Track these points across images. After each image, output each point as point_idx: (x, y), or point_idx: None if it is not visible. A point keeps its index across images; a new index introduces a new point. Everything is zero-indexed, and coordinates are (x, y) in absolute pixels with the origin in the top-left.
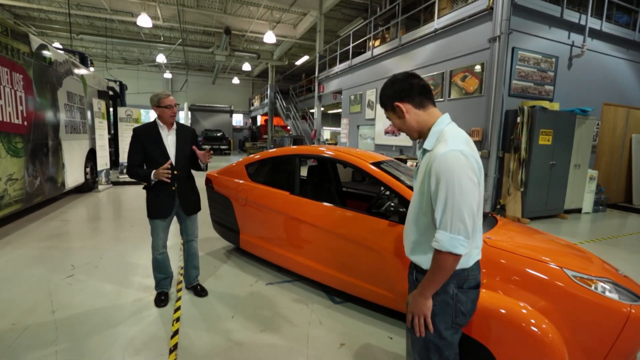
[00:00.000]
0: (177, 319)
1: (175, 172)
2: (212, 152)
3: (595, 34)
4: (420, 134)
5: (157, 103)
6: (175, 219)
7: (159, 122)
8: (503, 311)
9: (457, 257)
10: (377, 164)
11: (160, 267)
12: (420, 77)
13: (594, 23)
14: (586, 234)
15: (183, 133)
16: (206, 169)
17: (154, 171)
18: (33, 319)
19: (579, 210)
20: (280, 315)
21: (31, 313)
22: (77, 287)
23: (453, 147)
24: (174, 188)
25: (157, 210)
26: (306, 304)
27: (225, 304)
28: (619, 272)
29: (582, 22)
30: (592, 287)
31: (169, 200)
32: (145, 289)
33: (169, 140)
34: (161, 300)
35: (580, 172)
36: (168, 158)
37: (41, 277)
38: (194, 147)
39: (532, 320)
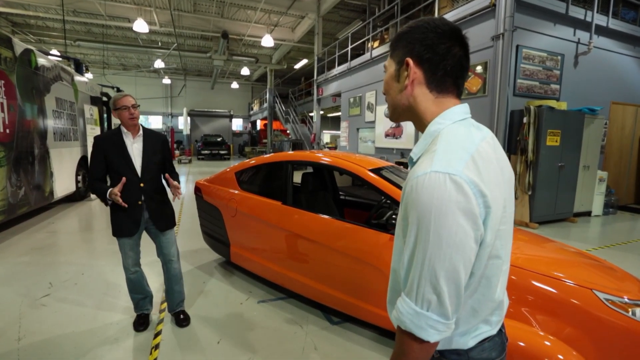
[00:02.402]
0: (157, 346)
1: (142, 184)
2: (180, 190)
3: (602, 31)
4: (413, 122)
5: (113, 105)
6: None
7: (123, 129)
8: (522, 344)
9: (426, 345)
10: (376, 171)
11: (136, 287)
12: (467, 45)
13: (600, 19)
14: (598, 239)
15: (151, 140)
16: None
17: (110, 190)
18: None
19: (588, 214)
20: (272, 339)
21: None
22: (51, 308)
23: (439, 166)
24: (140, 202)
25: (121, 228)
26: (300, 325)
27: (212, 326)
28: None
29: (588, 19)
30: (629, 313)
31: (135, 216)
32: (126, 310)
33: (135, 148)
34: (140, 323)
35: (589, 174)
36: (133, 170)
37: (13, 297)
38: (167, 175)
39: (560, 356)
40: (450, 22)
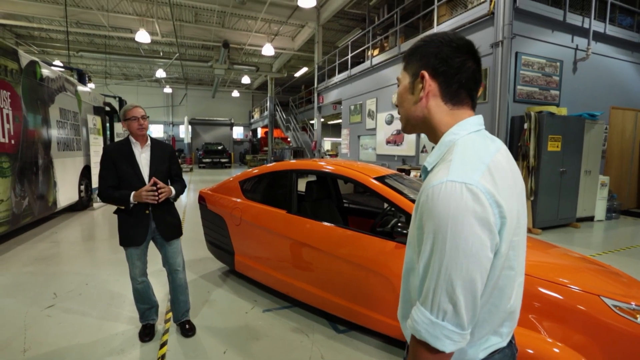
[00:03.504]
0: (163, 357)
1: None
2: (160, 191)
3: (599, 37)
4: (427, 134)
5: (123, 116)
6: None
7: (132, 139)
8: (530, 351)
9: (440, 355)
10: (380, 179)
11: (143, 297)
12: (479, 59)
13: (597, 26)
14: (602, 244)
15: (159, 150)
16: (174, 198)
17: (134, 192)
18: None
19: (591, 219)
20: (278, 349)
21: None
22: (55, 319)
23: (455, 175)
24: (147, 212)
25: (129, 237)
26: (306, 334)
27: (217, 336)
28: None
29: (586, 25)
30: (638, 319)
31: (143, 225)
32: (131, 321)
33: (143, 158)
34: (146, 334)
35: (591, 179)
36: (141, 178)
37: (18, 307)
38: (153, 178)
39: None
40: (464, 37)
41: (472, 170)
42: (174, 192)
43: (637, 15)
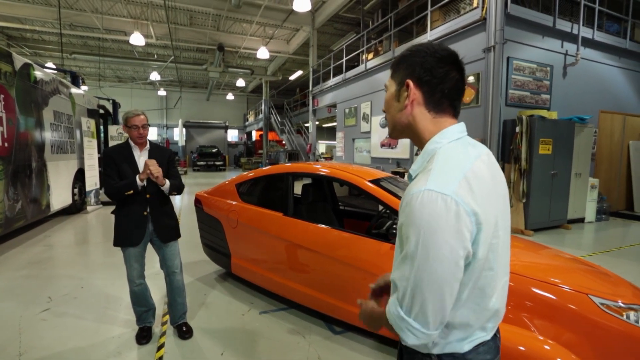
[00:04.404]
0: (160, 359)
1: (148, 195)
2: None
3: (588, 43)
4: (412, 139)
5: (125, 121)
6: (151, 248)
7: (131, 143)
8: (522, 348)
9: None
10: (375, 181)
11: (140, 300)
12: (463, 69)
13: (586, 32)
14: (592, 245)
15: (157, 154)
16: (168, 192)
17: (138, 175)
18: None
19: (582, 220)
20: (275, 350)
21: None
22: (51, 322)
23: (433, 185)
24: (145, 213)
25: (126, 237)
26: (303, 335)
27: (214, 338)
28: None
29: (575, 31)
30: (624, 317)
31: (140, 226)
32: (127, 324)
33: (142, 161)
34: (143, 336)
35: (581, 181)
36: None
37: (12, 311)
38: (146, 160)
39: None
40: (449, 48)
41: (450, 180)
42: (168, 183)
43: (623, 21)
